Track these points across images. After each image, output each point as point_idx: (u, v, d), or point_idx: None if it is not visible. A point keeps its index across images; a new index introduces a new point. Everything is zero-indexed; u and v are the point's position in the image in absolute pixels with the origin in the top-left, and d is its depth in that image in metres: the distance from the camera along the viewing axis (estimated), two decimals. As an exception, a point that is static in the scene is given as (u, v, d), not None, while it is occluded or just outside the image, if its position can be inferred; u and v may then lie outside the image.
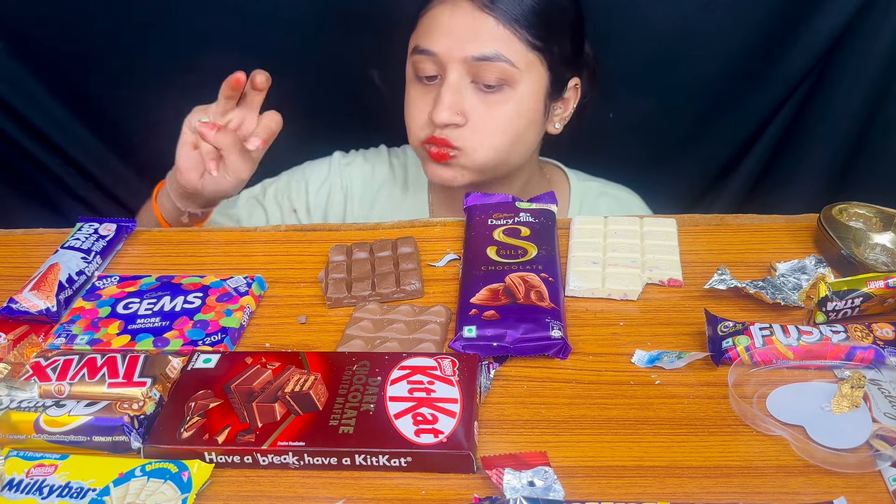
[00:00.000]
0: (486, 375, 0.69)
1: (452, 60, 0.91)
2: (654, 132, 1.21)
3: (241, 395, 0.66)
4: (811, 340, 0.69)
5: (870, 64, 1.13)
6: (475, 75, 0.92)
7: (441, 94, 0.91)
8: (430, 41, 0.92)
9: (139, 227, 0.92)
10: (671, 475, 0.61)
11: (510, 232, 0.85)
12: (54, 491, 0.60)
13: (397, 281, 0.81)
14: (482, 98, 0.93)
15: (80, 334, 0.75)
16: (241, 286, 0.81)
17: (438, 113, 0.91)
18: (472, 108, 0.92)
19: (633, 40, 1.17)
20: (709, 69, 1.20)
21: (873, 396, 0.65)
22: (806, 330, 0.70)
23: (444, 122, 0.91)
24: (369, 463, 0.62)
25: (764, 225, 0.90)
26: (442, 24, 0.93)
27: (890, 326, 0.71)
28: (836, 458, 0.61)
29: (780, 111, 1.24)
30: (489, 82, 0.92)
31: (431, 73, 0.93)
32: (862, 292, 0.73)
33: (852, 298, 0.73)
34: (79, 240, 0.86)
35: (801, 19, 1.14)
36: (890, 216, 0.85)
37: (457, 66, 0.91)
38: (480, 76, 0.92)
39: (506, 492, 0.58)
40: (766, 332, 0.71)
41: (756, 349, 0.69)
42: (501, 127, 0.95)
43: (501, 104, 0.94)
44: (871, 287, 0.73)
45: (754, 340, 0.70)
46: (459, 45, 0.91)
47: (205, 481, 0.61)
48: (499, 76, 0.92)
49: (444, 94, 0.91)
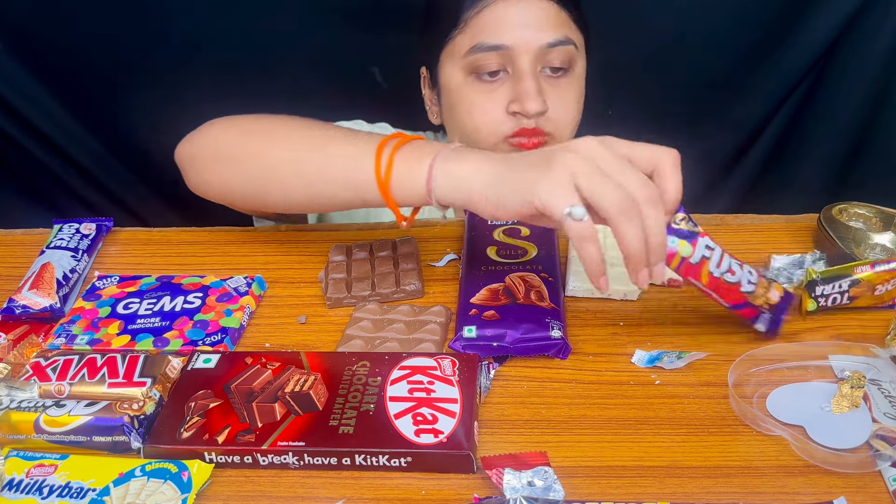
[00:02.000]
0: (486, 375, 0.69)
1: (527, 51, 0.91)
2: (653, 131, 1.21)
3: (241, 395, 0.66)
4: (730, 280, 0.69)
5: (870, 64, 1.13)
6: (544, 62, 0.93)
7: (525, 85, 0.91)
8: (498, 36, 0.92)
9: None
10: (671, 475, 0.61)
11: (510, 232, 0.85)
12: (54, 491, 0.60)
13: (397, 281, 0.81)
14: (552, 83, 0.94)
15: (80, 334, 0.75)
16: (241, 286, 0.81)
17: (530, 103, 0.90)
18: (546, 93, 0.93)
19: (631, 38, 1.17)
20: (708, 68, 1.20)
21: (873, 396, 0.65)
22: (734, 270, 0.70)
23: (539, 111, 0.91)
24: (369, 463, 0.62)
25: (764, 225, 0.90)
26: (510, 17, 0.92)
27: (780, 291, 0.72)
28: (836, 458, 0.61)
29: (779, 111, 1.24)
30: (556, 65, 0.93)
31: (495, 68, 0.93)
32: (850, 277, 0.73)
33: (840, 283, 0.73)
34: (63, 239, 0.87)
35: (800, 18, 1.14)
36: (890, 216, 0.85)
37: (530, 56, 0.92)
38: (549, 62, 0.93)
39: (506, 492, 0.58)
40: (707, 253, 0.68)
41: (687, 263, 0.68)
42: (574, 108, 0.96)
43: (568, 87, 0.95)
44: (858, 272, 0.73)
45: (693, 255, 0.68)
46: (534, 35, 0.92)
47: (205, 481, 0.61)
48: (565, 59, 0.93)
49: (529, 84, 0.91)
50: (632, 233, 0.63)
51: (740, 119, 1.26)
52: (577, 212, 0.62)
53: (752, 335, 0.74)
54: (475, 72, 0.93)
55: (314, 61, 1.20)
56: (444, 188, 0.70)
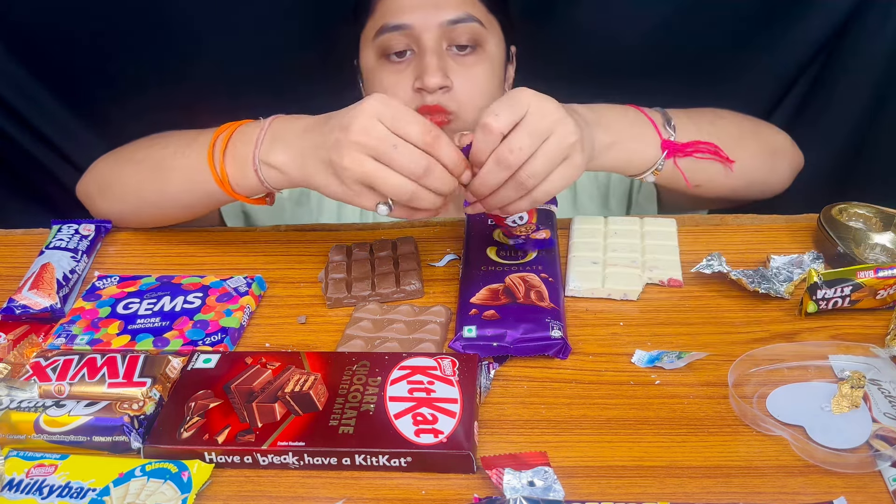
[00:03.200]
0: (486, 375, 0.69)
1: (428, 29, 0.93)
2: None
3: (241, 395, 0.66)
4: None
5: (870, 64, 1.13)
6: (449, 40, 0.95)
7: (426, 60, 0.93)
8: (400, 16, 0.94)
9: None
10: (671, 475, 0.61)
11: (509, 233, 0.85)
12: (54, 491, 0.60)
13: (397, 281, 0.81)
14: (459, 61, 0.95)
15: (80, 334, 0.75)
16: (241, 286, 0.81)
17: (430, 78, 0.92)
18: (453, 71, 0.95)
19: (624, 36, 1.17)
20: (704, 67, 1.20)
21: (873, 396, 0.65)
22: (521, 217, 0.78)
23: (438, 85, 0.92)
24: (369, 463, 0.62)
25: (764, 225, 0.90)
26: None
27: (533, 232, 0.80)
28: (836, 458, 0.61)
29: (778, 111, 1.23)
30: (462, 42, 0.95)
31: (401, 48, 0.95)
32: (852, 282, 0.73)
33: (842, 287, 0.73)
34: (62, 240, 0.87)
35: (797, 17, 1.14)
36: (890, 216, 0.85)
37: (433, 34, 0.93)
38: (454, 39, 0.95)
39: (506, 492, 0.58)
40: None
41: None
42: (482, 87, 0.97)
43: (476, 64, 0.96)
44: (861, 277, 0.73)
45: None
46: (434, 13, 0.94)
47: (205, 481, 0.61)
48: (470, 36, 0.95)
49: (430, 59, 0.93)
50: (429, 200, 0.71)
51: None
52: (381, 209, 0.71)
53: (752, 335, 0.74)
54: (384, 53, 0.96)
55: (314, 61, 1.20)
56: (274, 181, 0.77)
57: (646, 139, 0.83)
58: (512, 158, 0.69)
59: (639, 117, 0.84)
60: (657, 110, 0.86)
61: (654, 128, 0.83)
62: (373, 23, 0.97)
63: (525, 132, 0.70)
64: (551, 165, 0.71)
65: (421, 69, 0.93)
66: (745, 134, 0.91)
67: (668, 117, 0.85)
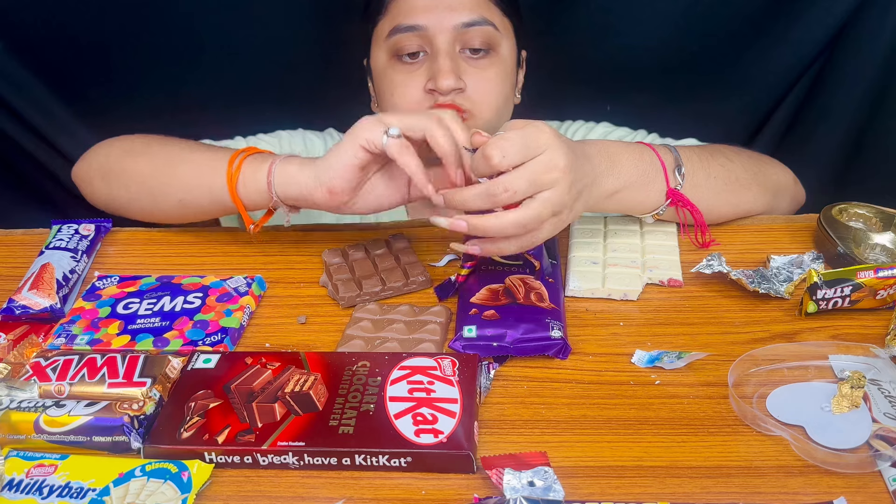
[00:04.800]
0: (486, 375, 0.69)
1: (442, 31, 0.93)
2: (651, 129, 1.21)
3: (241, 395, 0.66)
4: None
5: (870, 64, 1.13)
6: (463, 42, 0.95)
7: (439, 62, 0.93)
8: (414, 17, 0.94)
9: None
10: (671, 475, 0.61)
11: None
12: (54, 491, 0.60)
13: (405, 273, 0.81)
14: (472, 63, 0.96)
15: (80, 334, 0.75)
16: (241, 286, 0.81)
17: (443, 79, 0.92)
18: (465, 73, 0.95)
19: (626, 37, 1.17)
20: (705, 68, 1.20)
21: (873, 396, 0.65)
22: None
23: (451, 88, 0.93)
24: (369, 463, 0.62)
25: (764, 225, 0.90)
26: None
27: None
28: (836, 458, 0.61)
29: (779, 111, 1.23)
30: (476, 46, 0.95)
31: (415, 49, 0.95)
32: (852, 282, 0.73)
33: (842, 287, 0.73)
34: (62, 240, 0.87)
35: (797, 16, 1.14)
36: (890, 216, 0.85)
37: (446, 36, 0.94)
38: (468, 42, 0.95)
39: (506, 492, 0.58)
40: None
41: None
42: (495, 88, 0.97)
43: (489, 67, 0.96)
44: (861, 277, 0.73)
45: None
46: (448, 15, 0.94)
47: (205, 481, 0.61)
48: (484, 40, 0.95)
49: (443, 61, 0.93)
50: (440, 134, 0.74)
51: (739, 118, 1.26)
52: (393, 130, 0.75)
53: (752, 335, 0.74)
54: (396, 54, 0.96)
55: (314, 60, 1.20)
56: (281, 184, 0.80)
57: (654, 187, 0.82)
58: (502, 198, 0.70)
59: (652, 164, 0.82)
60: (670, 150, 0.84)
61: (663, 174, 0.82)
62: (385, 23, 0.96)
63: (525, 178, 0.69)
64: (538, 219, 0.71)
65: (434, 71, 0.93)
66: (751, 176, 0.91)
67: (679, 163, 0.83)
